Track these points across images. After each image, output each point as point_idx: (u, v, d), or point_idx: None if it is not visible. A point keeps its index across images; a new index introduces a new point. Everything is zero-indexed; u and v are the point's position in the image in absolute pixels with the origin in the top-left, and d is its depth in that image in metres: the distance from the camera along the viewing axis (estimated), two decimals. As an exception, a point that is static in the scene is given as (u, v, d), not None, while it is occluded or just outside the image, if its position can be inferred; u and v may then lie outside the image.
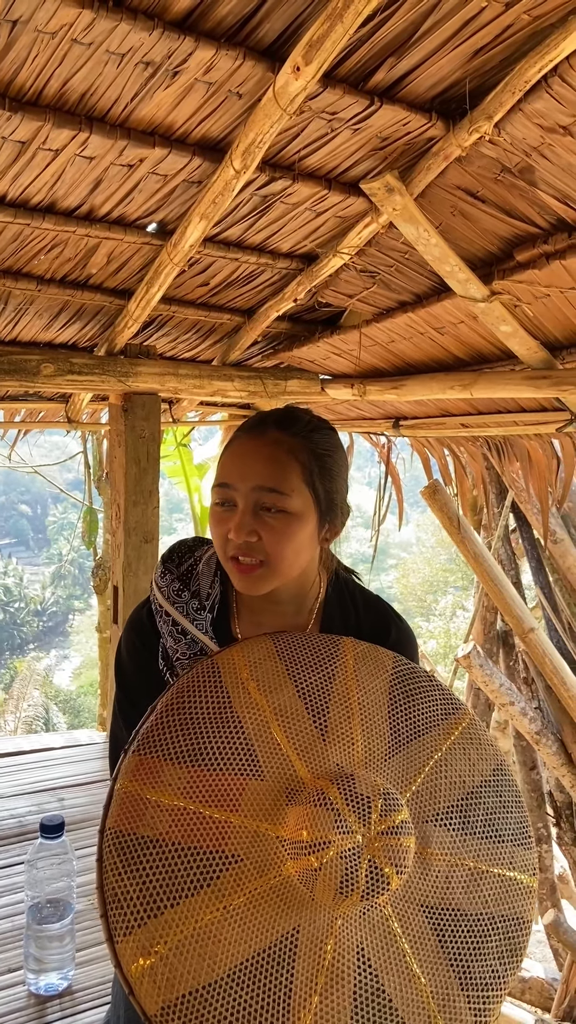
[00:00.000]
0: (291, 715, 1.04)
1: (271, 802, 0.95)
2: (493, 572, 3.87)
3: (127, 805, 0.94)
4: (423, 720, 1.11)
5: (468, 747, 1.11)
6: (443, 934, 0.96)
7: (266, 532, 1.15)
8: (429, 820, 1.02)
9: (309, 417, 1.30)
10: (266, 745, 1.00)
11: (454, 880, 0.99)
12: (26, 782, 3.73)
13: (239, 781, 0.96)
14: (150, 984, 0.85)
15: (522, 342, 2.50)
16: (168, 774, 0.96)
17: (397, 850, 0.93)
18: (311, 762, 1.00)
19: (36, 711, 16.03)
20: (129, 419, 3.26)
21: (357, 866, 0.90)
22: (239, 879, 0.90)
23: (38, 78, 1.79)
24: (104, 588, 5.25)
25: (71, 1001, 2.28)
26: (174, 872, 0.90)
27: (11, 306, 2.80)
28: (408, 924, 0.94)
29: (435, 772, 1.06)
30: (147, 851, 0.91)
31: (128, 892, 0.88)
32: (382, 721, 1.08)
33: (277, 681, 1.07)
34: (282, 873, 0.91)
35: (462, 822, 1.04)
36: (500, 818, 1.07)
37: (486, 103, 1.86)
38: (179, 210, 2.38)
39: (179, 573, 1.31)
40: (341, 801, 0.93)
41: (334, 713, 1.06)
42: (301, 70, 1.69)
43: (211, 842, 0.92)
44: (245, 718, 1.02)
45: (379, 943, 0.92)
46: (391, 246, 2.52)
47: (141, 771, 0.96)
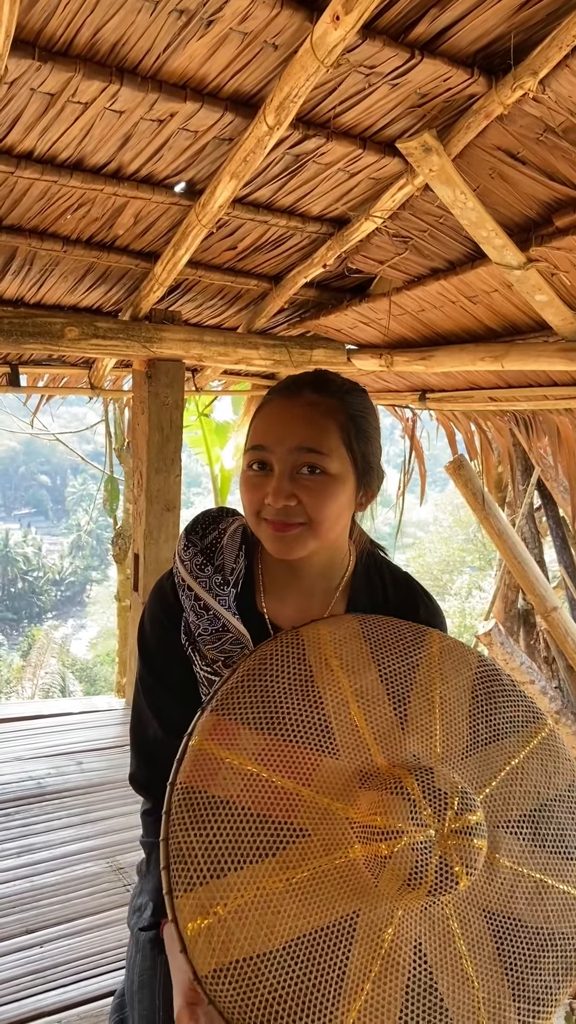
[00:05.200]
0: (372, 698, 1.02)
1: (344, 782, 0.93)
2: (517, 550, 3.82)
3: (201, 762, 0.92)
4: (503, 724, 1.08)
5: (545, 758, 1.08)
6: (501, 942, 0.94)
7: (306, 495, 1.11)
8: (500, 826, 0.99)
9: (342, 380, 1.26)
10: (344, 725, 0.98)
11: (518, 890, 0.97)
12: (45, 745, 3.76)
13: (314, 756, 0.94)
14: (205, 944, 0.83)
15: (557, 312, 2.43)
16: (244, 738, 0.94)
17: (469, 850, 0.91)
18: (388, 749, 0.98)
19: (53, 679, 16.24)
20: (153, 386, 3.23)
21: (427, 860, 0.88)
22: (305, 854, 0.89)
23: (69, 26, 1.74)
24: (124, 557, 5.26)
25: (88, 964, 2.30)
26: (241, 836, 0.88)
27: (36, 267, 2.77)
28: (468, 927, 0.93)
29: (510, 779, 1.04)
30: (217, 811, 0.89)
31: (193, 849, 0.87)
32: (462, 719, 1.05)
33: (360, 662, 1.05)
34: (349, 855, 0.89)
35: (532, 833, 1.02)
36: (571, 835, 1.04)
37: (531, 59, 1.79)
38: (209, 169, 2.33)
39: (203, 546, 1.27)
40: (418, 792, 0.91)
41: (415, 703, 1.03)
42: (340, 19, 1.62)
43: (281, 812, 0.90)
44: (325, 694, 1.00)
45: (437, 941, 0.90)
46: (425, 210, 2.46)
47: (217, 731, 0.94)
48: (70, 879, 2.70)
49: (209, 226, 2.49)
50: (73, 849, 2.88)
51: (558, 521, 4.21)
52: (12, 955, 2.32)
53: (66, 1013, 2.12)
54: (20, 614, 30.37)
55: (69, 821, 3.07)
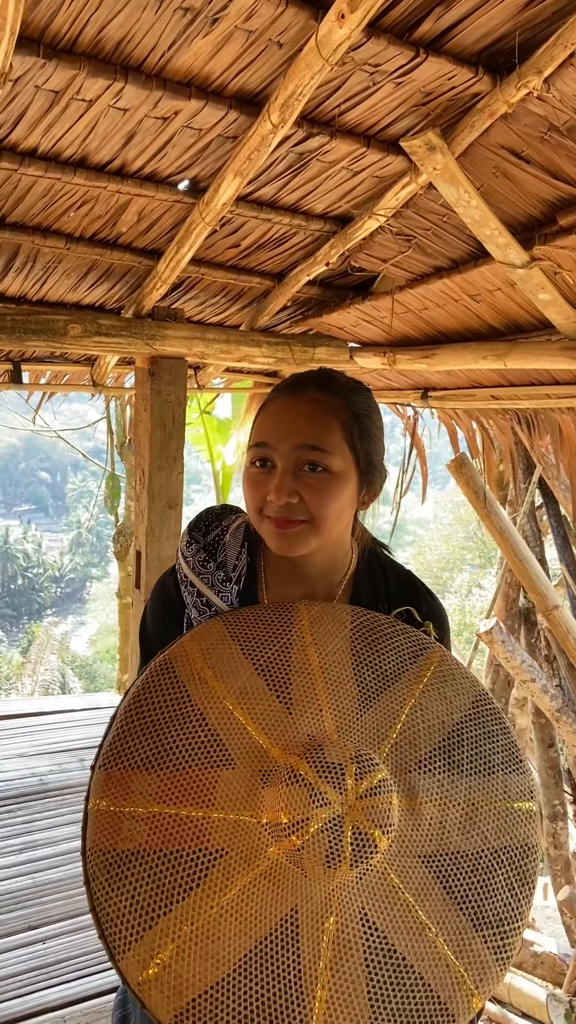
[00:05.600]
0: (252, 695, 1.01)
1: (246, 789, 0.93)
2: (518, 548, 3.82)
3: (103, 823, 0.92)
4: (391, 668, 1.07)
5: (442, 685, 1.08)
6: (447, 880, 0.94)
7: (308, 492, 1.12)
8: (413, 769, 0.99)
9: (345, 378, 1.26)
10: (232, 731, 0.97)
11: (448, 824, 0.97)
12: (47, 742, 3.77)
13: (211, 774, 0.94)
14: (158, 994, 0.84)
15: (560, 311, 2.43)
16: (138, 783, 0.94)
17: (379, 810, 0.91)
18: (280, 738, 0.97)
19: (53, 675, 16.26)
20: (155, 383, 3.23)
21: (340, 836, 0.89)
22: (228, 873, 0.89)
23: (74, 24, 1.74)
24: (125, 554, 5.26)
25: (90, 960, 2.31)
26: (161, 879, 0.89)
27: (39, 264, 2.77)
28: (408, 877, 0.93)
29: (411, 719, 1.03)
30: (131, 864, 0.89)
31: (120, 909, 0.87)
32: (348, 680, 1.05)
33: (233, 663, 1.04)
34: (269, 857, 0.90)
35: (447, 763, 1.01)
36: (487, 749, 1.04)
37: (536, 57, 1.78)
38: (213, 167, 2.33)
39: (205, 543, 1.28)
40: (312, 774, 0.91)
41: (296, 683, 1.03)
42: (346, 17, 1.62)
43: (193, 842, 0.90)
44: (206, 709, 0.99)
45: (382, 904, 0.91)
46: (429, 208, 2.46)
47: (110, 786, 0.94)
48: (72, 875, 2.71)
49: (212, 224, 2.49)
50: (75, 846, 2.88)
51: (559, 519, 4.22)
52: (15, 951, 2.33)
53: (69, 1009, 2.13)
54: (20, 611, 30.40)
55: (71, 818, 3.09)
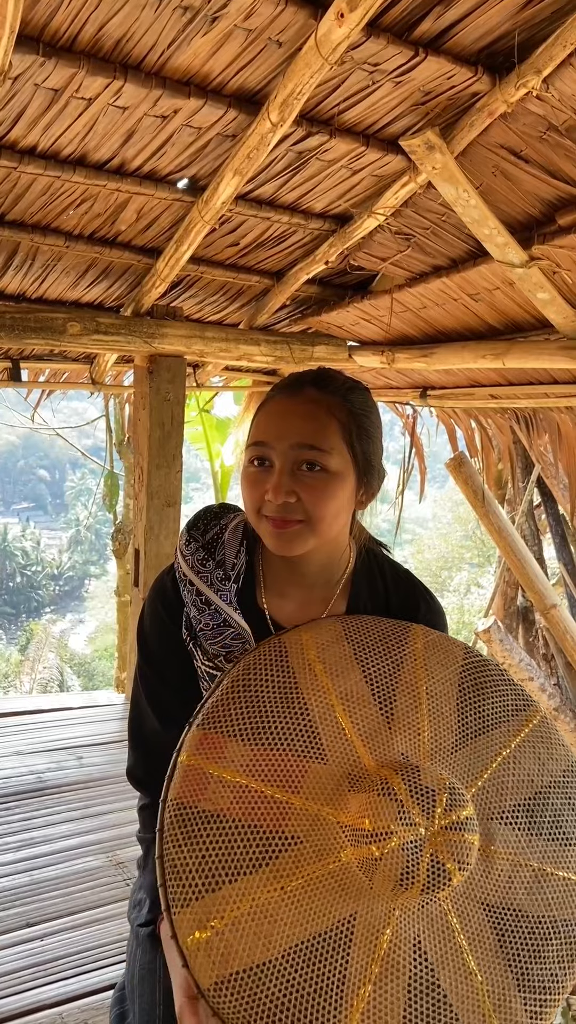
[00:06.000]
0: (357, 700, 1.02)
1: (333, 787, 0.94)
2: (516, 547, 3.83)
3: (190, 778, 0.93)
4: (492, 715, 1.08)
5: (538, 745, 1.08)
6: (502, 934, 0.94)
7: (305, 492, 1.12)
8: (494, 817, 1.00)
9: (344, 378, 1.26)
10: (330, 729, 0.98)
11: (517, 880, 0.97)
12: (45, 740, 3.77)
13: (302, 763, 0.95)
14: (205, 958, 0.84)
15: (559, 310, 2.44)
16: (231, 751, 0.95)
17: (460, 846, 0.91)
18: (375, 749, 0.98)
19: (51, 673, 16.24)
20: (154, 381, 3.23)
21: (419, 859, 0.89)
22: (298, 861, 0.89)
23: (73, 22, 1.74)
24: (124, 552, 5.26)
25: (88, 958, 2.31)
26: (234, 848, 0.89)
27: (39, 262, 2.77)
28: (467, 921, 0.93)
29: (502, 769, 1.04)
30: (208, 825, 0.90)
31: (187, 864, 0.88)
32: (450, 713, 1.05)
33: (344, 664, 1.05)
34: (341, 859, 0.90)
35: (528, 822, 1.01)
36: (568, 820, 1.04)
37: (535, 57, 1.78)
38: (212, 165, 2.33)
39: (204, 542, 1.27)
40: (405, 792, 0.91)
41: (401, 701, 1.03)
42: (345, 17, 1.62)
43: (272, 822, 0.91)
44: (310, 700, 1.00)
45: (437, 937, 0.91)
46: (428, 207, 2.46)
47: (205, 745, 0.95)
48: (70, 873, 2.71)
49: (212, 222, 2.49)
50: (73, 843, 2.89)
51: (558, 518, 4.22)
52: (12, 948, 2.33)
53: (66, 1006, 2.13)
54: (18, 608, 30.37)
55: (69, 815, 3.09)
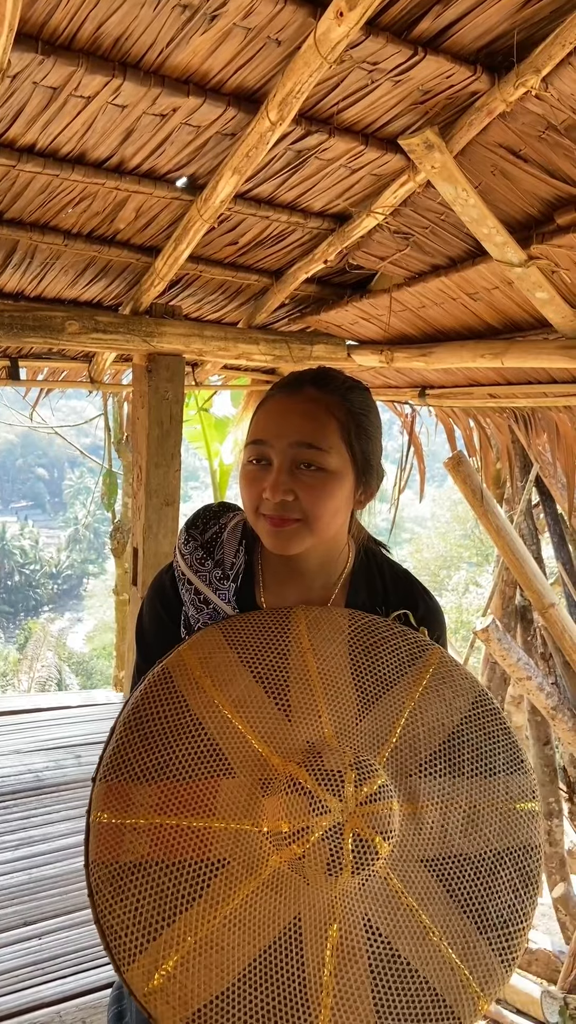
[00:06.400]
0: (250, 703, 1.01)
1: (246, 797, 0.93)
2: (515, 546, 3.83)
3: (104, 836, 0.92)
4: (390, 672, 1.07)
5: (442, 687, 1.07)
6: (450, 883, 0.94)
7: (303, 490, 1.12)
8: (413, 773, 0.99)
9: (344, 377, 1.26)
10: (231, 740, 0.97)
11: (450, 826, 0.97)
12: (44, 738, 3.77)
13: (211, 783, 0.94)
14: (164, 1005, 0.84)
15: (558, 310, 2.44)
16: (138, 795, 0.94)
17: (380, 816, 0.91)
18: (279, 746, 0.97)
19: (49, 672, 16.24)
20: (153, 380, 3.23)
21: (341, 843, 0.89)
22: (230, 882, 0.89)
23: (72, 20, 1.74)
24: (122, 551, 5.26)
25: (86, 956, 2.32)
26: (164, 890, 0.89)
27: (37, 261, 2.77)
28: (411, 882, 0.93)
29: (411, 723, 1.03)
30: (134, 876, 0.90)
31: (123, 921, 0.88)
32: (347, 685, 1.04)
33: (231, 671, 1.04)
34: (271, 866, 0.90)
35: (449, 766, 1.01)
36: (488, 751, 1.04)
37: (534, 56, 1.78)
38: (211, 164, 2.33)
39: (203, 541, 1.28)
40: (312, 782, 0.91)
41: (295, 690, 1.03)
42: (344, 16, 1.62)
43: (195, 852, 0.90)
44: (205, 718, 0.99)
45: (385, 909, 0.91)
46: (427, 206, 2.46)
47: (111, 798, 0.94)
48: (69, 871, 2.71)
49: (211, 221, 2.49)
50: (72, 842, 2.89)
51: (556, 518, 4.22)
52: (11, 947, 2.34)
53: (65, 1004, 2.14)
54: (17, 607, 30.37)
55: (68, 814, 3.09)
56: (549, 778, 4.29)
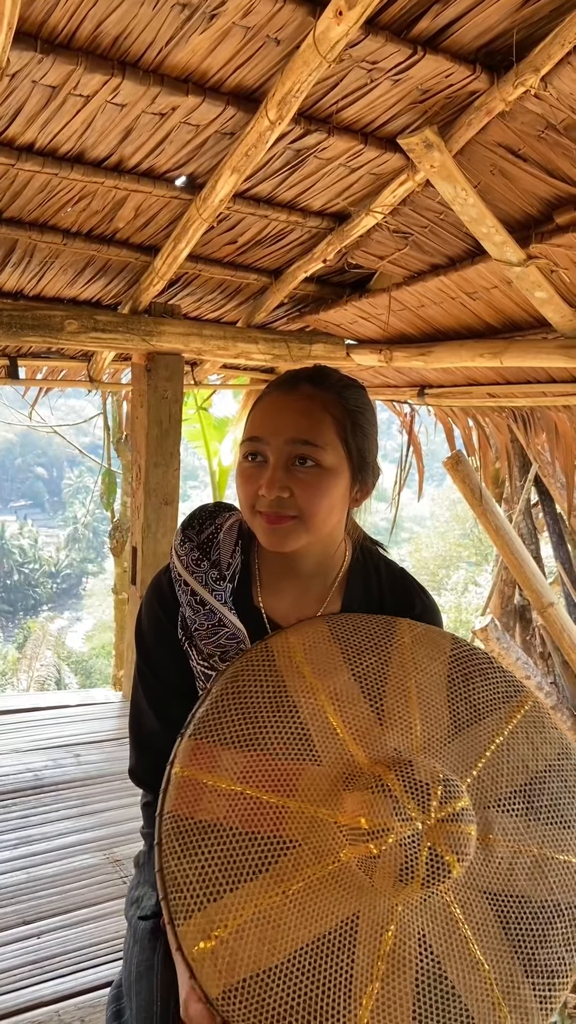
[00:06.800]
0: (347, 699, 1.02)
1: (328, 787, 0.94)
2: (514, 545, 3.83)
3: (185, 790, 0.93)
4: (484, 703, 1.08)
5: (531, 731, 1.09)
6: (507, 921, 0.94)
7: (299, 487, 1.12)
8: (491, 806, 1.00)
9: (340, 375, 1.26)
10: (322, 730, 0.99)
11: (517, 867, 0.98)
12: (42, 737, 3.77)
13: (295, 766, 0.95)
14: (211, 968, 0.84)
15: (557, 309, 2.44)
16: (225, 759, 0.95)
17: (458, 837, 0.91)
18: (368, 747, 0.98)
19: (48, 671, 16.22)
20: (152, 379, 3.23)
21: (417, 853, 0.89)
22: (297, 864, 0.90)
23: (71, 19, 1.74)
24: (121, 550, 5.26)
25: (85, 955, 2.31)
26: (233, 857, 0.89)
27: (36, 260, 2.77)
28: (470, 911, 0.93)
29: (497, 757, 1.04)
30: (206, 836, 0.90)
31: (188, 876, 0.88)
32: (441, 705, 1.05)
33: (332, 664, 1.05)
34: (340, 859, 0.90)
35: (525, 808, 1.02)
36: (565, 803, 1.04)
37: (533, 55, 1.78)
38: (210, 163, 2.33)
39: (199, 541, 1.27)
40: (400, 787, 0.91)
41: (391, 697, 1.04)
42: (344, 15, 1.63)
43: (269, 827, 0.91)
44: (300, 702, 1.00)
45: (441, 930, 0.91)
46: (426, 206, 2.46)
47: (198, 756, 0.95)
48: (67, 871, 2.71)
49: (210, 220, 2.49)
50: (70, 841, 2.89)
51: (555, 517, 4.23)
52: (10, 946, 2.33)
53: (63, 1003, 2.13)
54: (16, 606, 30.36)
55: (66, 813, 3.08)
56: (548, 777, 4.28)
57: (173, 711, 1.23)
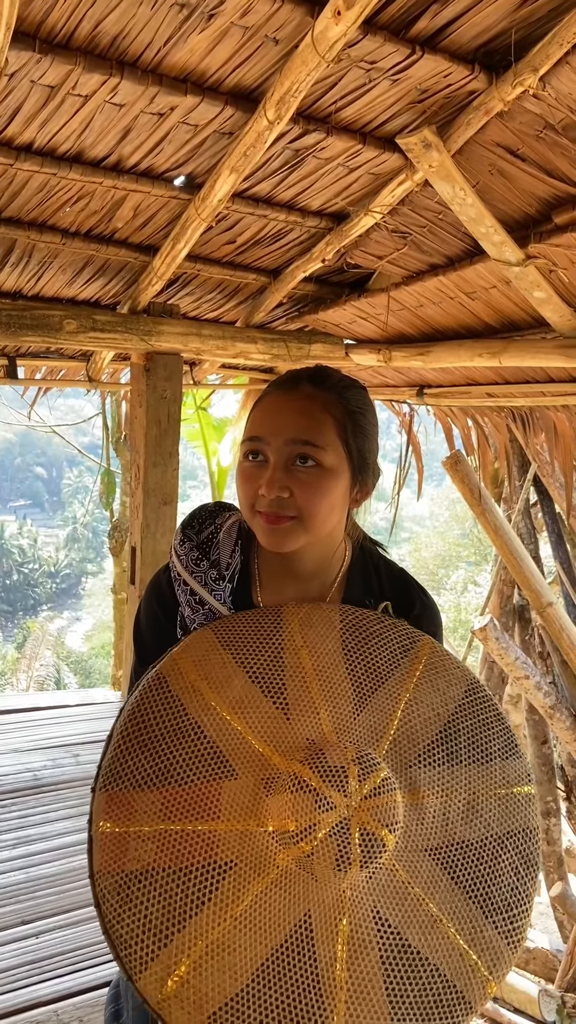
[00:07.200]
0: (248, 703, 1.01)
1: (251, 798, 0.93)
2: (513, 545, 3.83)
3: (108, 846, 0.91)
4: (383, 664, 1.08)
5: (435, 677, 1.08)
6: (454, 870, 0.95)
7: (299, 487, 1.12)
8: (413, 764, 1.00)
9: (341, 375, 1.26)
10: (231, 741, 0.97)
11: (451, 815, 0.98)
12: (41, 737, 3.77)
13: (214, 787, 0.94)
14: (179, 1011, 0.84)
15: (555, 309, 2.44)
16: (140, 802, 0.93)
17: (384, 810, 0.92)
18: (279, 745, 0.97)
19: (48, 671, 16.23)
20: (151, 379, 3.23)
21: (347, 838, 0.89)
22: (239, 884, 0.89)
23: (70, 19, 1.74)
24: (120, 550, 5.26)
25: (83, 955, 2.32)
26: (172, 896, 0.88)
27: (35, 259, 2.77)
28: (416, 871, 0.93)
29: (407, 714, 1.04)
30: (140, 884, 0.89)
31: (133, 930, 0.87)
32: (342, 680, 1.05)
33: (226, 672, 1.03)
34: (278, 865, 0.90)
35: (446, 755, 1.02)
36: (483, 738, 1.05)
37: (532, 55, 1.78)
38: (209, 163, 2.33)
39: (199, 541, 1.27)
40: (316, 779, 0.91)
41: (291, 687, 1.03)
42: (342, 14, 1.62)
43: (202, 856, 0.90)
44: (203, 721, 0.99)
45: (392, 900, 0.92)
46: (425, 205, 2.46)
47: (112, 807, 0.93)
48: (66, 870, 2.71)
49: (208, 220, 2.49)
50: (69, 841, 2.89)
51: (554, 517, 4.23)
52: (8, 945, 2.34)
53: (62, 1003, 2.14)
54: (15, 606, 30.38)
55: (65, 813, 3.09)
56: (547, 777, 4.29)
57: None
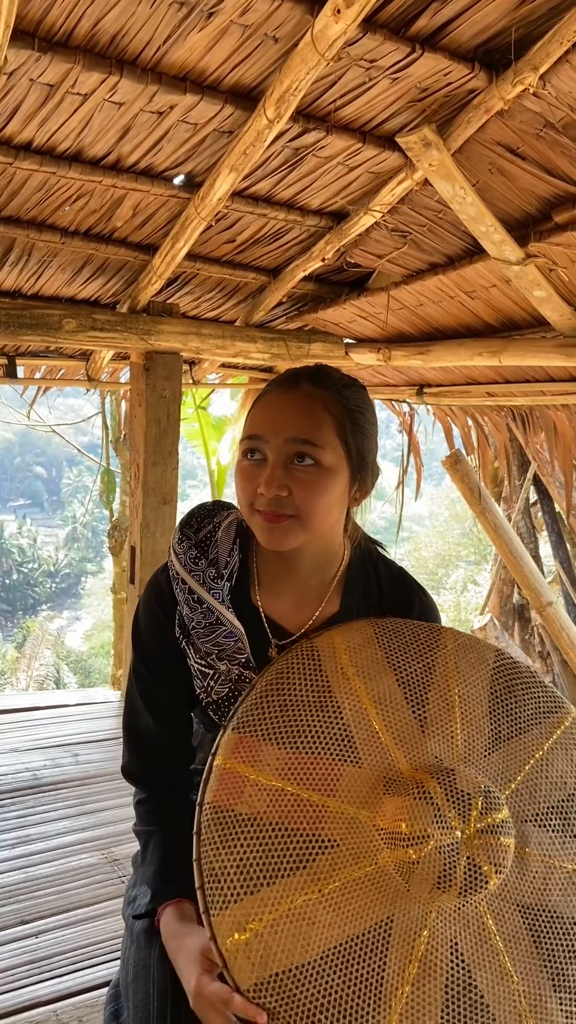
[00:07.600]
0: (390, 703, 1.02)
1: (368, 790, 0.94)
2: (512, 544, 3.83)
3: (226, 782, 0.94)
4: (524, 717, 1.08)
5: (570, 747, 1.08)
6: (538, 935, 0.95)
7: (297, 486, 1.12)
8: (528, 820, 1.00)
9: (341, 374, 1.26)
10: (364, 732, 0.99)
11: (551, 882, 0.98)
12: (41, 737, 3.77)
13: (337, 766, 0.95)
14: (244, 960, 0.85)
15: (556, 308, 2.44)
16: (266, 754, 0.95)
17: (496, 849, 0.92)
18: (409, 753, 0.98)
19: (47, 671, 16.22)
20: (150, 378, 3.23)
21: (456, 862, 0.89)
22: (335, 864, 0.90)
23: (69, 17, 1.73)
24: (120, 549, 5.26)
25: (82, 955, 2.31)
26: (271, 851, 0.90)
27: (34, 258, 2.76)
28: (503, 922, 0.93)
29: (535, 772, 1.04)
30: (245, 828, 0.91)
31: (225, 867, 0.88)
32: (483, 716, 1.06)
33: (376, 668, 1.05)
34: (378, 862, 0.90)
35: (562, 824, 1.02)
36: None
37: (532, 54, 1.78)
38: (208, 161, 2.32)
39: (197, 540, 1.27)
40: (441, 796, 0.92)
41: (433, 705, 1.04)
42: (342, 12, 1.62)
43: (308, 825, 0.91)
44: (344, 703, 1.01)
45: (473, 939, 0.91)
46: (424, 204, 2.46)
47: (240, 749, 0.96)
48: (65, 870, 2.71)
49: (208, 219, 2.48)
50: (69, 840, 2.89)
51: (554, 516, 4.23)
52: (8, 945, 2.33)
53: (61, 1003, 2.13)
54: (15, 605, 30.35)
55: (65, 812, 3.08)
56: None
57: (168, 709, 1.24)
